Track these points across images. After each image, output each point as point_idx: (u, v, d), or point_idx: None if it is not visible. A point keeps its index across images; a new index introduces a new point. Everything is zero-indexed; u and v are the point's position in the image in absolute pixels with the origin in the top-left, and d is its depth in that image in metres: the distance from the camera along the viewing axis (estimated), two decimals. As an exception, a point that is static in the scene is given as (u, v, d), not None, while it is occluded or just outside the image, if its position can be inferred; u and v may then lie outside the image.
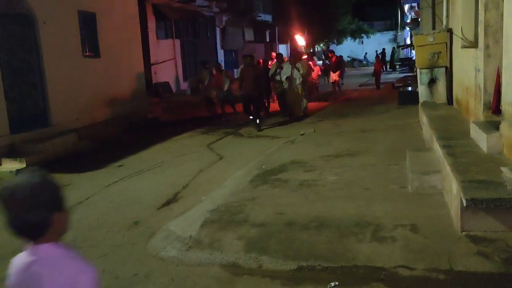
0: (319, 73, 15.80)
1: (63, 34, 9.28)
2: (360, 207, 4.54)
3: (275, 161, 6.88)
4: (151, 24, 15.75)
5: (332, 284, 3.34)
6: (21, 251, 1.63)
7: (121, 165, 7.83)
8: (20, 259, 1.59)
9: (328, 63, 18.47)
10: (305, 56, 16.00)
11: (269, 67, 13.34)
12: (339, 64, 17.06)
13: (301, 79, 11.23)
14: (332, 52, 18.92)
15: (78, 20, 9.78)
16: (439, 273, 3.29)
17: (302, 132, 9.33)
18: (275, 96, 12.98)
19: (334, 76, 16.77)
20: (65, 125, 9.05)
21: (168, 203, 5.69)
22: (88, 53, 10.21)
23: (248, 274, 3.64)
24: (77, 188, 6.63)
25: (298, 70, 11.11)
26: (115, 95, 10.88)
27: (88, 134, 9.51)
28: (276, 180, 5.80)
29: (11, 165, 7.52)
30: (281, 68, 11.72)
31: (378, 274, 3.39)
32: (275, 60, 14.49)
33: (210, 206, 5.00)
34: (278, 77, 11.86)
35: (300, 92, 11.38)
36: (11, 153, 7.79)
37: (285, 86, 11.56)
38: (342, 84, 18.47)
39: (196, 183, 6.51)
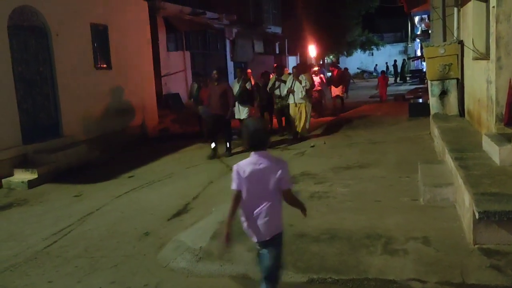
0: (319, 87, 14.17)
1: (76, 46, 9.42)
2: (371, 219, 4.51)
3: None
4: (162, 36, 15.93)
5: (343, 297, 3.31)
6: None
7: (131, 176, 7.87)
8: (249, 160, 3.03)
9: (330, 77, 17.17)
10: (316, 68, 15.49)
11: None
12: (341, 78, 16.00)
13: (304, 94, 9.85)
14: (335, 65, 17.99)
15: (90, 32, 9.93)
16: (451, 287, 3.25)
17: (312, 144, 9.32)
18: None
19: (336, 91, 15.60)
20: (76, 136, 9.14)
21: (178, 214, 5.69)
22: (100, 65, 10.34)
23: (259, 286, 3.62)
24: (89, 198, 6.67)
25: (301, 83, 9.81)
26: (126, 106, 10.99)
27: (99, 145, 9.59)
28: (286, 192, 5.78)
29: (23, 176, 7.59)
30: (280, 81, 10.55)
31: (389, 287, 3.35)
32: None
33: (220, 217, 4.99)
34: (277, 92, 10.63)
35: (304, 108, 9.96)
36: (23, 163, 7.86)
37: (285, 102, 10.33)
38: (346, 98, 17.48)
39: (206, 194, 6.52)
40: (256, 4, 24.41)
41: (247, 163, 3.03)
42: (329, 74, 18.25)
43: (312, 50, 21.28)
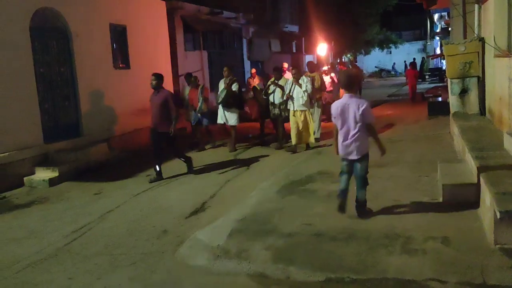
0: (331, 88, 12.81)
1: (95, 47, 9.55)
2: (390, 218, 4.48)
3: (302, 172, 6.85)
4: (179, 36, 16.02)
5: (361, 296, 3.30)
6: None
7: (149, 175, 7.94)
8: (341, 100, 4.33)
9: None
10: (326, 67, 14.34)
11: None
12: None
13: (305, 99, 8.55)
14: (344, 64, 16.54)
15: (109, 33, 10.05)
16: (471, 287, 3.21)
17: (330, 143, 9.27)
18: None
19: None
20: (96, 135, 9.27)
21: (195, 212, 5.74)
22: (118, 65, 10.47)
23: (276, 285, 3.64)
24: (108, 196, 6.77)
25: (301, 86, 8.49)
26: (144, 106, 11.08)
27: (118, 144, 9.72)
28: (303, 191, 5.78)
29: (44, 174, 7.74)
30: (276, 85, 9.18)
31: (408, 287, 3.32)
32: (286, 72, 12.49)
33: (237, 216, 5.03)
34: (271, 99, 9.37)
35: (307, 115, 8.69)
36: (45, 162, 8.02)
37: (277, 110, 9.23)
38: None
39: (223, 193, 6.55)
40: (273, 3, 24.36)
41: (340, 102, 4.40)
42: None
43: (322, 49, 18.83)
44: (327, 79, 12.51)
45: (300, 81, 8.56)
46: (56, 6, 8.53)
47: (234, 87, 9.38)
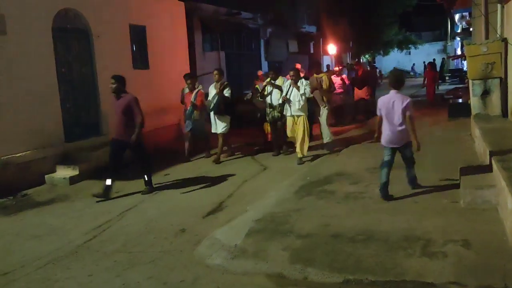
0: (340, 89, 12.26)
1: (116, 47, 9.66)
2: (409, 221, 4.43)
3: (320, 173, 6.83)
4: (198, 36, 16.12)
5: (380, 298, 3.26)
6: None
7: (167, 174, 8.02)
8: (388, 95, 5.09)
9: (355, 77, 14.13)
10: (337, 68, 13.65)
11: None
12: (367, 79, 13.60)
13: (302, 103, 7.88)
14: (360, 63, 15.36)
15: (129, 33, 10.17)
16: (494, 292, 3.15)
17: (339, 148, 9.22)
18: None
19: (359, 93, 13.16)
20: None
21: (213, 211, 5.76)
22: (138, 65, 10.57)
23: (293, 285, 3.63)
24: (127, 195, 6.83)
25: (298, 89, 7.82)
26: (163, 105, 11.18)
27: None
28: (321, 192, 5.76)
29: (65, 172, 7.87)
30: (273, 85, 8.55)
31: (428, 290, 3.28)
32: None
33: (255, 215, 5.03)
34: (268, 100, 8.70)
35: (303, 122, 7.95)
36: (65, 160, 8.15)
37: (277, 112, 8.57)
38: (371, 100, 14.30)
39: (241, 192, 6.57)
40: (291, 4, 24.32)
41: (388, 97, 5.13)
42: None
43: (332, 48, 16.68)
44: (337, 80, 11.98)
45: (298, 83, 7.89)
46: (77, 7, 8.67)
47: (227, 92, 8.68)
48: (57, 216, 6.09)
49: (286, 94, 7.96)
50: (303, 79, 8.05)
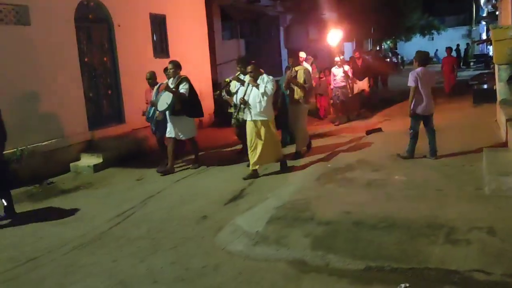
0: (342, 82, 10.84)
1: (137, 36, 9.72)
2: (432, 208, 4.38)
3: (340, 160, 6.79)
4: (217, 24, 16.07)
5: (403, 285, 3.25)
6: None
7: (185, 162, 8.07)
8: (421, 70, 6.23)
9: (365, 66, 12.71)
10: (338, 58, 11.10)
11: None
12: (368, 69, 12.47)
13: (264, 105, 6.34)
14: (360, 52, 13.39)
15: (150, 22, 10.21)
16: (519, 280, 3.10)
17: (369, 131, 9.13)
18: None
19: (360, 85, 11.94)
20: (138, 123, 9.47)
21: (234, 199, 5.79)
22: (158, 54, 10.63)
23: (315, 272, 3.64)
24: (149, 182, 6.93)
25: (258, 87, 6.36)
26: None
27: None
28: (342, 179, 5.74)
29: (89, 160, 8.01)
30: (239, 81, 7.05)
31: (451, 277, 3.26)
32: (303, 64, 9.77)
33: (276, 203, 5.04)
34: (235, 98, 7.22)
35: (267, 128, 6.46)
36: (89, 148, 8.29)
37: (242, 114, 6.92)
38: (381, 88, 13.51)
39: (261, 180, 6.57)
40: (311, -10, 24.01)
41: (421, 72, 6.16)
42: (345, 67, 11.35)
43: (334, 36, 11.95)
44: (339, 72, 10.79)
45: (259, 80, 6.43)
46: (99, -3, 8.75)
47: (182, 88, 7.13)
48: (82, 203, 6.22)
49: (245, 94, 6.53)
50: (264, 75, 6.50)
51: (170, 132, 7.31)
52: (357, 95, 11.82)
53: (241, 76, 7.08)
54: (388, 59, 23.83)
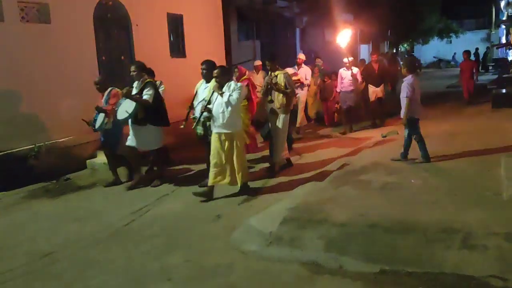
0: (350, 87, 10.10)
1: (154, 36, 9.82)
2: (449, 213, 4.32)
3: (355, 162, 6.75)
4: (233, 25, 16.13)
5: (417, 290, 3.22)
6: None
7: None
8: (413, 78, 6.23)
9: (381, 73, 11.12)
10: (347, 60, 10.14)
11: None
12: (385, 74, 11.19)
13: (227, 116, 5.62)
14: (377, 55, 11.55)
15: (167, 22, 10.30)
16: (537, 287, 3.05)
17: (384, 134, 9.07)
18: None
19: (377, 92, 10.76)
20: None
21: (248, 199, 5.79)
22: (175, 53, 10.71)
23: (328, 274, 3.63)
24: (164, 181, 6.97)
25: (222, 95, 5.66)
26: (198, 94, 11.30)
27: (174, 131, 9.95)
28: (357, 181, 5.69)
29: (105, 157, 8.07)
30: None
31: (467, 283, 3.22)
32: (302, 66, 10.48)
33: (290, 204, 5.03)
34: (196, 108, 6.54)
35: (234, 142, 5.73)
36: (105, 146, 8.38)
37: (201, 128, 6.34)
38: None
39: (275, 181, 6.57)
40: (328, -8, 23.94)
41: (415, 81, 6.26)
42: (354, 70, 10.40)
43: (344, 37, 10.48)
44: (347, 74, 10.04)
45: (224, 87, 5.69)
46: (117, -3, 8.85)
47: (146, 94, 6.46)
48: (98, 200, 6.29)
49: (209, 102, 5.85)
50: (231, 82, 5.81)
51: (131, 140, 6.63)
52: (373, 103, 10.87)
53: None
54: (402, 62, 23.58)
